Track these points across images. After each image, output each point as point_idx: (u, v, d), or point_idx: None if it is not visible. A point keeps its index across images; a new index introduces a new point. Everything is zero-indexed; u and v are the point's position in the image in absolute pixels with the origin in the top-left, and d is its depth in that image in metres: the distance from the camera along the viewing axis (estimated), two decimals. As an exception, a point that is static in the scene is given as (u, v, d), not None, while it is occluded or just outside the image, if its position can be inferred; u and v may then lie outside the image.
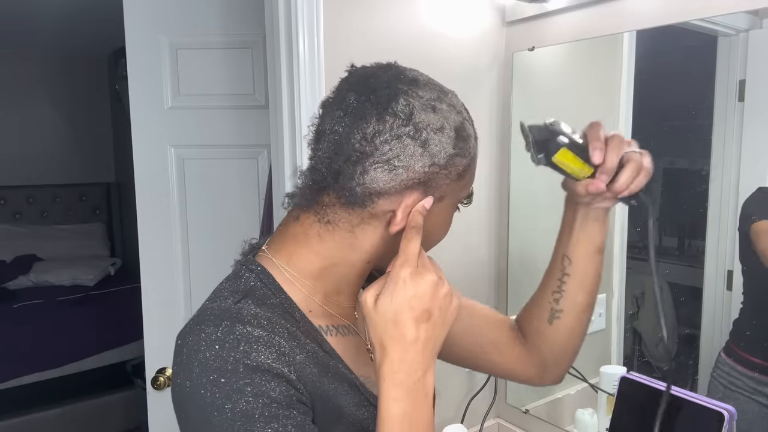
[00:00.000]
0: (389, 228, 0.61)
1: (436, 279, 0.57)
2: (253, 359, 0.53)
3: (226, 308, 0.58)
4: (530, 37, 1.34)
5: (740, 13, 1.06)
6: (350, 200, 0.60)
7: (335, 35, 1.11)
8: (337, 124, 0.60)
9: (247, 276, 0.62)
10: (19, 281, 3.33)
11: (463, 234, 1.40)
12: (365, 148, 0.58)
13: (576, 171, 0.69)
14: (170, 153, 1.50)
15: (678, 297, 1.33)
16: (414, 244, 0.58)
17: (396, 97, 0.58)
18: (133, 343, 2.98)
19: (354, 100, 0.59)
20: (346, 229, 0.62)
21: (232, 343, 0.53)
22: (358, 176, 0.58)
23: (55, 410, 2.85)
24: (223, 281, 0.64)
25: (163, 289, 1.52)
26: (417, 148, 0.58)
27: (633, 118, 1.33)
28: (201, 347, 0.54)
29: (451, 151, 0.60)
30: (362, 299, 0.58)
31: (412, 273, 0.56)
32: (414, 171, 0.59)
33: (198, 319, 0.58)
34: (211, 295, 0.62)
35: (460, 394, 1.39)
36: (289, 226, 0.66)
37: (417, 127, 0.58)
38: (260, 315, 0.58)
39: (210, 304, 0.60)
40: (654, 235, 0.71)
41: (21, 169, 3.97)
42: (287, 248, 0.65)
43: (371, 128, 0.58)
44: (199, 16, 1.47)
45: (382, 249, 0.64)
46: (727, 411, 0.75)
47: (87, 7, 2.83)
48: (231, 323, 0.55)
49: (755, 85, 1.10)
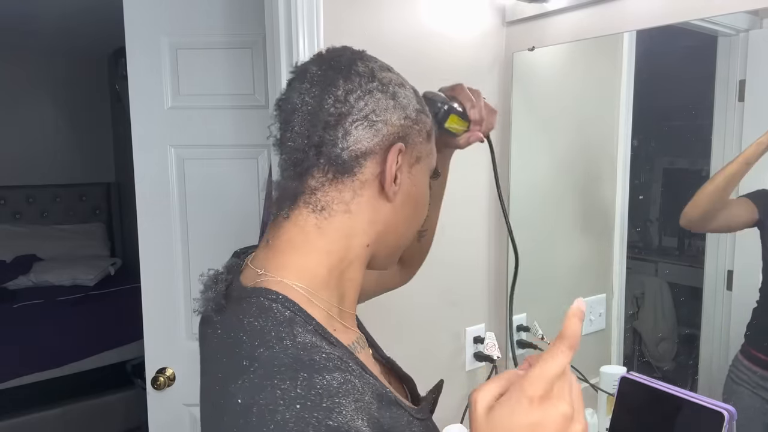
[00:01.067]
0: (384, 191, 0.60)
1: (570, 413, 0.46)
2: (335, 419, 0.46)
3: (294, 355, 0.50)
4: (530, 37, 1.34)
5: (740, 13, 1.06)
6: (339, 169, 0.58)
7: (335, 35, 1.11)
8: (306, 96, 0.59)
9: (277, 307, 0.55)
10: (19, 281, 3.33)
11: (463, 233, 1.40)
12: (341, 108, 0.58)
13: (460, 129, 0.82)
14: (170, 153, 1.50)
15: (678, 297, 1.33)
16: (558, 363, 0.45)
17: (354, 62, 0.61)
18: (133, 343, 2.98)
19: (316, 70, 0.60)
20: (343, 210, 0.60)
21: (315, 401, 0.47)
22: (341, 140, 0.58)
23: (55, 410, 2.85)
24: (252, 319, 0.54)
25: (163, 289, 1.52)
26: (389, 101, 0.60)
27: (633, 118, 1.33)
28: (279, 407, 0.46)
29: (417, 106, 0.63)
30: (473, 398, 0.48)
31: (544, 396, 0.45)
32: (392, 125, 0.59)
33: (264, 372, 0.49)
34: (252, 338, 0.53)
35: (460, 394, 1.39)
36: (280, 233, 0.61)
37: (382, 81, 0.60)
38: (331, 354, 0.51)
39: (267, 351, 0.51)
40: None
41: (21, 169, 3.97)
42: (288, 260, 0.60)
43: (341, 90, 0.58)
44: (200, 16, 1.47)
45: (380, 226, 0.62)
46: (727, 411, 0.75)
47: (87, 7, 2.83)
48: (309, 375, 0.48)
49: (755, 85, 1.10)
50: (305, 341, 0.52)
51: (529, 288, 1.46)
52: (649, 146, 1.38)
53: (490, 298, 1.45)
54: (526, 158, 1.41)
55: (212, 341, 0.59)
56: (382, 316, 1.26)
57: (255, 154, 1.52)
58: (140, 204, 1.50)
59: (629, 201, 1.37)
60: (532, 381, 0.45)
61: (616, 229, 1.39)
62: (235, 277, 0.63)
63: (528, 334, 1.43)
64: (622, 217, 1.38)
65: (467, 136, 0.84)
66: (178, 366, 1.52)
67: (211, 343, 0.59)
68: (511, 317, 1.35)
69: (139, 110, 1.48)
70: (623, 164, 1.36)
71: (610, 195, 1.41)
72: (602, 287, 1.43)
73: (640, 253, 1.39)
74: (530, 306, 1.45)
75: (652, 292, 1.37)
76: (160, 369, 1.51)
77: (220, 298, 0.59)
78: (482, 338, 1.42)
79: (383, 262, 0.68)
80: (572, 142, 1.47)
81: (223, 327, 0.58)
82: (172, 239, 1.52)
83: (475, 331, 1.43)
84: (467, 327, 1.42)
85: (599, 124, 1.44)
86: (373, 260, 0.66)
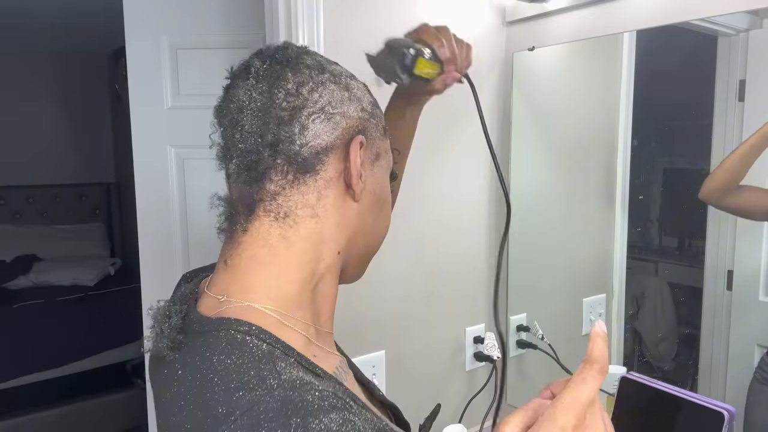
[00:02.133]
0: (351, 189, 0.56)
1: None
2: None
3: (283, 398, 0.43)
4: (530, 37, 1.34)
5: (740, 13, 1.06)
6: (299, 168, 0.53)
7: (335, 35, 1.11)
8: (253, 92, 0.53)
9: (251, 340, 0.48)
10: (19, 281, 3.33)
11: (463, 233, 1.40)
12: (294, 102, 0.53)
13: (433, 73, 0.76)
14: (170, 153, 1.50)
15: (678, 297, 1.33)
16: (588, 388, 0.42)
17: (301, 55, 0.56)
18: (133, 343, 2.98)
19: (260, 64, 0.55)
20: (309, 215, 0.54)
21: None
22: (298, 135, 0.53)
23: (55, 410, 2.85)
24: (223, 356, 0.47)
25: (163, 289, 1.52)
26: (343, 92, 0.55)
27: (633, 118, 1.33)
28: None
29: (371, 99, 0.60)
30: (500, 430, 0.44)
31: (577, 426, 0.41)
32: (350, 117, 0.55)
33: (249, 421, 0.42)
34: (227, 380, 0.45)
35: (460, 394, 1.39)
36: (239, 250, 0.54)
37: (333, 73, 0.56)
38: (324, 391, 0.44)
39: (248, 395, 0.43)
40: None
41: (21, 169, 3.97)
42: (254, 280, 0.53)
43: (291, 83, 0.53)
44: (200, 16, 1.47)
45: (349, 230, 0.57)
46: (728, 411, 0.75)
47: (87, 6, 2.83)
48: (303, 420, 0.41)
49: (755, 85, 1.10)
50: (292, 378, 0.45)
51: (529, 288, 1.46)
52: (649, 146, 1.38)
53: (490, 298, 1.45)
54: (526, 158, 1.41)
55: (170, 385, 0.50)
56: (382, 316, 1.27)
57: (255, 154, 1.52)
58: (140, 204, 1.50)
59: (629, 201, 1.37)
60: (565, 410, 0.41)
61: (616, 229, 1.39)
62: (190, 307, 0.55)
63: (528, 334, 1.43)
64: (622, 217, 1.38)
65: (443, 78, 0.78)
66: (178, 366, 1.52)
67: (170, 387, 0.50)
68: (500, 271, 1.34)
69: (139, 110, 1.48)
70: (623, 164, 1.36)
71: (610, 195, 1.41)
72: (602, 287, 1.43)
73: (640, 253, 1.38)
74: (530, 306, 1.45)
75: (652, 292, 1.37)
76: (160, 369, 1.51)
77: (175, 334, 0.51)
78: (482, 338, 1.42)
79: (353, 272, 0.63)
80: (572, 142, 1.47)
81: (184, 367, 0.49)
82: (172, 239, 1.52)
83: (475, 331, 1.43)
84: (467, 327, 1.42)
85: (599, 124, 1.44)
86: (344, 271, 0.60)
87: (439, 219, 1.35)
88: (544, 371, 1.42)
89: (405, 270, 1.30)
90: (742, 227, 1.15)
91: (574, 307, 1.44)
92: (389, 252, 0.75)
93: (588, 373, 0.42)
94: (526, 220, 1.43)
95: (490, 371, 1.40)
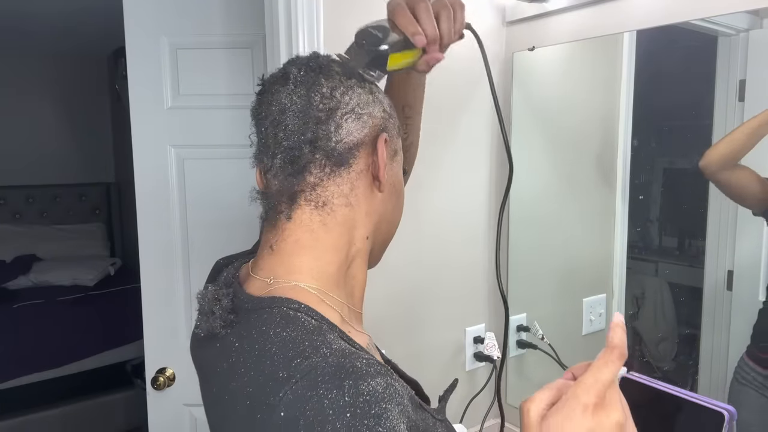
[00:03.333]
0: (377, 181, 0.63)
1: (623, 421, 0.48)
2: (384, 425, 0.45)
3: (336, 364, 0.48)
4: (530, 37, 1.34)
5: (740, 13, 1.06)
6: (336, 162, 0.60)
7: (335, 35, 1.11)
8: (293, 96, 0.61)
9: (302, 316, 0.54)
10: (19, 281, 3.33)
11: (463, 234, 1.40)
12: (329, 104, 0.60)
13: (411, 61, 0.71)
14: (170, 153, 1.50)
15: (678, 297, 1.33)
16: (609, 370, 0.48)
17: (329, 63, 0.63)
18: (133, 343, 2.98)
19: (296, 71, 0.62)
20: (343, 204, 0.61)
21: (364, 408, 0.45)
22: (334, 133, 0.60)
23: (55, 410, 2.85)
24: (279, 329, 0.53)
25: (163, 289, 1.52)
26: (368, 95, 0.63)
27: (633, 118, 1.33)
28: (329, 417, 0.45)
29: (389, 102, 0.67)
30: (525, 407, 0.49)
31: (598, 404, 0.46)
32: (375, 117, 0.63)
33: (308, 382, 0.47)
34: (284, 350, 0.51)
35: (460, 394, 1.39)
36: (284, 235, 0.61)
37: (359, 79, 0.63)
38: (370, 359, 0.50)
39: (305, 361, 0.49)
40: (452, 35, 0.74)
41: (21, 169, 3.97)
42: (299, 262, 0.60)
43: (326, 87, 0.60)
44: (199, 16, 1.47)
45: (375, 216, 0.65)
46: (727, 411, 0.75)
47: (87, 7, 2.83)
48: (354, 382, 0.46)
49: (755, 85, 1.10)
50: (342, 348, 0.51)
51: (529, 288, 1.46)
52: (649, 146, 1.38)
53: (490, 298, 1.45)
54: (525, 158, 1.41)
55: (228, 356, 0.56)
56: (382, 316, 1.26)
57: (255, 154, 1.52)
58: (140, 204, 1.50)
59: (629, 201, 1.37)
60: (587, 388, 0.46)
61: (616, 229, 1.39)
62: (237, 290, 0.61)
63: (528, 334, 1.43)
64: (622, 217, 1.38)
65: (425, 60, 0.73)
66: (178, 366, 1.52)
67: (227, 358, 0.56)
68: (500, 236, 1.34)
69: (139, 110, 1.48)
70: (623, 164, 1.36)
71: (610, 195, 1.41)
72: (602, 287, 1.43)
73: (640, 253, 1.38)
74: (530, 306, 1.45)
75: (652, 292, 1.37)
76: (160, 369, 1.51)
77: (226, 314, 0.58)
78: (482, 338, 1.42)
79: (376, 256, 0.71)
80: (572, 141, 1.47)
81: (241, 340, 0.55)
82: (172, 239, 1.51)
83: (475, 331, 1.43)
84: (467, 327, 1.42)
85: (599, 124, 1.44)
86: (370, 255, 0.67)
87: (440, 219, 1.35)
88: (544, 371, 1.42)
89: (405, 270, 1.30)
90: (742, 227, 1.15)
91: (574, 307, 1.44)
92: (389, 252, 0.75)
93: (609, 358, 0.48)
94: (526, 220, 1.43)
95: (490, 371, 1.40)
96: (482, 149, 1.41)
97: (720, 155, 1.15)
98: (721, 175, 1.16)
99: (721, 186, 1.17)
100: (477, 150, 1.39)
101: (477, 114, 1.38)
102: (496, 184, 1.43)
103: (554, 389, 0.49)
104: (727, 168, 1.14)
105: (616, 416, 0.47)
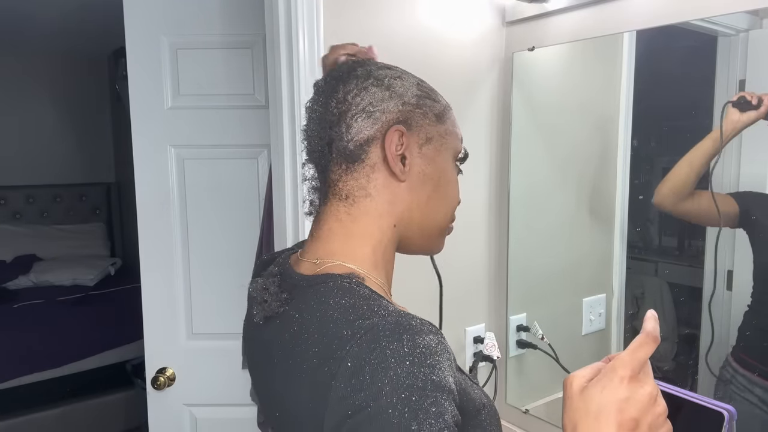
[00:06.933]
0: (393, 171, 0.66)
1: (655, 393, 0.53)
2: (437, 375, 0.52)
3: (395, 321, 0.54)
4: (530, 37, 1.34)
5: (740, 13, 1.06)
6: (349, 158, 0.66)
7: (335, 35, 1.11)
8: (315, 104, 0.69)
9: (355, 287, 0.60)
10: (19, 281, 3.33)
11: (464, 233, 1.40)
12: (341, 107, 0.66)
13: None
14: (170, 153, 1.50)
15: (678, 297, 1.33)
16: (644, 350, 0.53)
17: (354, 68, 0.69)
18: (133, 343, 2.98)
19: (322, 82, 0.70)
20: (363, 195, 0.67)
21: (421, 358, 0.52)
22: (345, 133, 0.65)
23: (55, 410, 2.85)
24: (338, 298, 0.59)
25: (163, 289, 1.52)
26: (384, 92, 0.66)
27: (633, 118, 1.33)
28: (391, 365, 0.51)
29: (417, 92, 0.68)
30: (568, 381, 0.54)
31: (633, 377, 0.52)
32: (389, 112, 0.66)
33: (372, 337, 0.53)
34: (345, 314, 0.57)
35: (460, 394, 1.39)
36: (320, 224, 0.69)
37: (378, 77, 0.67)
38: (423, 320, 0.56)
39: (366, 321, 0.55)
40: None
41: (21, 169, 3.97)
42: (333, 246, 0.67)
43: (341, 92, 0.66)
44: (199, 16, 1.47)
45: (400, 206, 0.68)
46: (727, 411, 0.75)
47: (87, 7, 2.83)
48: (411, 336, 0.53)
49: (755, 85, 1.10)
50: (397, 310, 0.57)
51: (529, 288, 1.46)
52: (649, 146, 1.38)
53: (490, 298, 1.45)
54: (526, 158, 1.41)
55: (290, 326, 0.62)
56: (382, 316, 1.26)
57: (255, 154, 1.52)
58: (140, 204, 1.50)
59: (629, 201, 1.37)
60: (624, 364, 0.52)
61: (616, 229, 1.39)
62: (289, 272, 0.68)
63: (528, 334, 1.43)
64: (622, 217, 1.38)
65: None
66: (178, 366, 1.52)
67: (288, 328, 0.63)
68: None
69: (139, 110, 1.48)
70: (623, 164, 1.36)
71: (610, 195, 1.41)
72: (602, 287, 1.43)
73: (640, 253, 1.39)
74: (530, 306, 1.45)
75: (652, 292, 1.37)
76: (160, 369, 1.51)
77: (279, 295, 0.65)
78: (482, 338, 1.42)
79: (420, 243, 0.74)
80: (572, 142, 1.47)
81: (300, 312, 0.62)
82: (172, 239, 1.52)
83: (475, 331, 1.43)
84: (467, 327, 1.42)
85: (599, 124, 1.44)
86: (409, 243, 0.72)
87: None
88: (544, 371, 1.42)
89: (405, 270, 1.30)
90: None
91: (574, 307, 1.44)
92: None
93: (645, 340, 0.52)
94: (526, 220, 1.43)
95: (490, 371, 1.40)
96: (482, 149, 1.41)
97: (670, 190, 1.17)
98: (678, 207, 1.19)
99: (682, 217, 1.19)
100: (477, 150, 1.39)
101: (477, 114, 1.38)
102: (496, 184, 1.43)
103: (594, 368, 0.55)
104: (681, 199, 1.16)
105: (650, 388, 0.52)
